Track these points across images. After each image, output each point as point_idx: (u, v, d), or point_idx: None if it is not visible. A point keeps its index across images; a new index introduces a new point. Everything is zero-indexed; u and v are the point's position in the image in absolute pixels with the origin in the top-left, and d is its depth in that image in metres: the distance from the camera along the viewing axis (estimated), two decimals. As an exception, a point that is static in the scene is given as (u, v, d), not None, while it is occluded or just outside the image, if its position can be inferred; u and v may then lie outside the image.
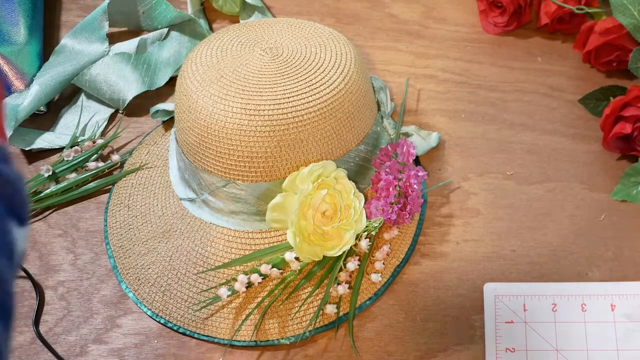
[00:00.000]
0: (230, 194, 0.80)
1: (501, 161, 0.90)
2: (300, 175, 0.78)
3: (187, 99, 0.80)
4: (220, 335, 0.79)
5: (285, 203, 0.78)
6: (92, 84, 0.96)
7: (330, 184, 0.78)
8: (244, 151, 0.78)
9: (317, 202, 0.77)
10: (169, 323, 0.80)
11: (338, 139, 0.80)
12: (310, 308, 0.79)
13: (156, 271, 0.82)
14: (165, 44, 1.01)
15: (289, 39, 0.84)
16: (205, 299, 0.79)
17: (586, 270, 0.82)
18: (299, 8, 1.05)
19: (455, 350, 0.78)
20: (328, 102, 0.79)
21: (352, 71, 0.81)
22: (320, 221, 0.77)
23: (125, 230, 0.86)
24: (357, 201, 0.79)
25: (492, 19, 1.00)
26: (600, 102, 0.92)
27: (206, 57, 0.82)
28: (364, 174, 0.84)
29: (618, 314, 0.78)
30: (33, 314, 0.81)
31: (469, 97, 0.96)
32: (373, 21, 1.03)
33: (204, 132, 0.79)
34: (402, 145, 0.82)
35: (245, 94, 0.78)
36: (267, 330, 0.78)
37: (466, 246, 0.84)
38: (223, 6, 1.04)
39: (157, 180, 0.88)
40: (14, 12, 1.00)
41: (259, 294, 0.79)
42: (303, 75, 0.79)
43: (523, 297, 0.80)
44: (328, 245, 0.78)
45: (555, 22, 0.98)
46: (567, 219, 0.86)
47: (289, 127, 0.77)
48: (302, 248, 0.77)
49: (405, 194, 0.81)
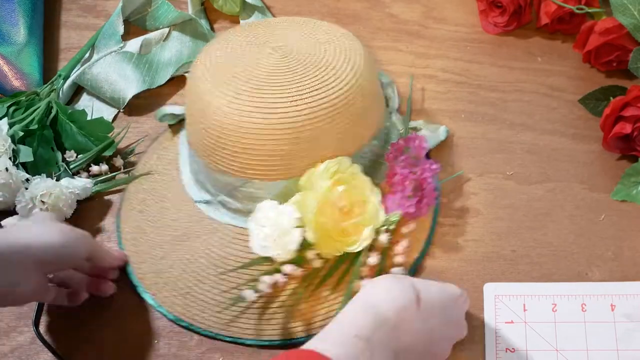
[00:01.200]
0: (248, 194, 0.80)
1: (501, 161, 0.90)
2: (317, 172, 0.78)
3: (200, 100, 0.80)
4: (245, 336, 0.79)
5: (304, 200, 0.78)
6: (93, 82, 0.97)
7: (347, 180, 0.78)
8: (261, 150, 0.78)
9: (335, 198, 0.77)
10: (192, 326, 0.80)
11: (352, 134, 0.80)
12: (333, 304, 0.79)
13: (175, 275, 0.82)
14: (166, 44, 1.01)
15: (297, 38, 0.84)
16: (228, 300, 0.79)
17: (586, 270, 0.82)
18: (299, 8, 1.05)
19: (455, 350, 0.78)
20: (341, 98, 0.79)
21: (362, 67, 0.81)
22: (338, 217, 0.77)
23: (140, 235, 0.85)
24: (373, 196, 0.79)
25: (492, 19, 1.00)
26: (600, 102, 0.92)
27: (216, 59, 0.82)
28: (377, 169, 0.84)
29: (618, 314, 0.78)
30: (33, 314, 0.81)
31: (469, 97, 0.96)
32: (373, 21, 1.03)
33: (219, 132, 0.79)
34: (413, 139, 0.83)
35: (259, 93, 0.78)
36: (292, 328, 0.79)
37: (466, 246, 0.84)
38: (223, 6, 1.04)
39: (170, 184, 0.88)
40: (14, 12, 1.00)
41: (280, 293, 0.79)
42: (314, 73, 0.79)
43: (523, 297, 0.80)
44: (348, 241, 0.78)
45: (555, 22, 0.98)
46: (567, 219, 0.86)
47: (305, 125, 0.77)
48: (322, 244, 0.77)
49: (420, 187, 0.81)
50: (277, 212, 0.77)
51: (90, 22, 1.05)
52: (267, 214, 0.77)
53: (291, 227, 0.76)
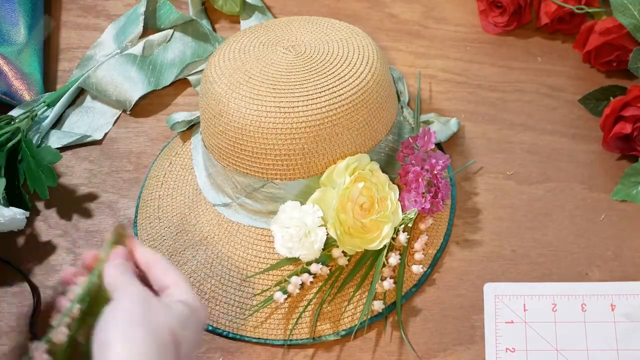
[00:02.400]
0: (269, 194, 0.80)
1: (501, 161, 0.90)
2: (337, 169, 0.78)
3: (216, 103, 0.80)
4: (273, 337, 0.79)
5: (325, 197, 0.78)
6: (98, 86, 0.97)
7: (367, 177, 0.78)
8: (281, 149, 0.78)
9: (356, 195, 0.77)
10: (218, 329, 0.80)
11: (369, 129, 0.80)
12: (358, 305, 0.79)
13: (198, 279, 0.82)
14: (169, 45, 1.01)
15: (308, 36, 0.84)
16: (257, 303, 0.79)
17: (586, 270, 0.82)
18: (299, 8, 1.05)
19: (455, 350, 0.78)
20: (359, 94, 0.79)
21: (376, 62, 0.82)
22: (359, 214, 0.77)
23: (159, 243, 0.85)
24: (392, 193, 0.80)
25: (492, 19, 1.00)
26: (600, 102, 0.92)
27: (230, 60, 0.82)
28: (393, 165, 0.84)
29: (618, 314, 0.78)
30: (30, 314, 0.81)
31: (469, 97, 0.96)
32: (373, 21, 1.03)
33: (237, 134, 0.78)
34: (423, 135, 0.83)
35: (277, 92, 0.78)
36: (318, 327, 0.79)
37: (466, 246, 0.84)
38: (223, 6, 1.04)
39: (186, 190, 0.88)
40: (14, 12, 1.00)
41: (305, 293, 0.80)
42: (331, 70, 0.79)
43: (523, 297, 0.80)
44: (368, 238, 0.78)
45: (555, 22, 0.98)
46: (567, 219, 0.86)
47: (324, 122, 0.77)
48: (343, 240, 0.77)
49: (435, 182, 0.81)
50: (301, 212, 0.77)
51: (90, 22, 1.05)
52: (292, 215, 0.77)
53: (316, 226, 0.77)
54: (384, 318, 0.80)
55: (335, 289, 0.80)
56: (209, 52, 1.00)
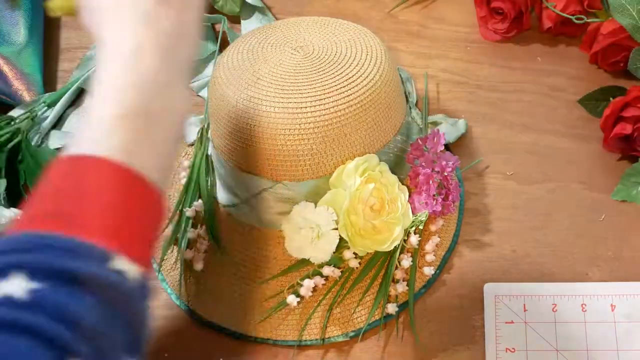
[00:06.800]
0: (278, 195, 0.80)
1: (501, 161, 0.90)
2: (347, 170, 0.78)
3: (225, 104, 0.79)
4: (282, 338, 0.79)
5: (336, 199, 0.78)
6: None
7: (377, 178, 0.78)
8: (290, 150, 0.78)
9: (366, 196, 0.77)
10: (224, 329, 0.80)
11: (378, 130, 0.80)
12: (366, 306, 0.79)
13: (211, 281, 0.82)
14: (170, 45, 1.01)
15: (316, 37, 0.83)
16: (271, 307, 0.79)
17: (586, 270, 0.82)
18: (299, 8, 1.05)
19: (455, 350, 0.78)
20: (367, 94, 0.79)
21: (385, 63, 0.81)
22: (369, 215, 0.77)
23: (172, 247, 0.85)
24: (402, 194, 0.80)
25: (492, 26, 1.00)
26: (599, 103, 0.92)
27: (237, 62, 0.82)
28: (402, 165, 0.84)
29: (618, 314, 0.78)
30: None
31: (469, 97, 0.96)
32: (373, 21, 1.03)
33: (246, 135, 0.78)
34: (432, 137, 0.83)
35: (285, 93, 0.78)
36: (328, 328, 0.79)
37: (466, 246, 0.84)
38: (224, 6, 1.04)
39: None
40: (14, 12, 1.00)
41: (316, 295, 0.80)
42: (339, 71, 0.79)
43: (523, 297, 0.80)
44: (379, 239, 0.78)
45: (558, 25, 0.98)
46: (567, 219, 0.86)
47: (333, 122, 0.77)
48: (355, 242, 0.77)
49: (445, 184, 0.81)
50: (314, 214, 0.77)
51: (90, 22, 1.05)
52: (305, 216, 0.77)
53: (330, 228, 0.77)
54: (395, 319, 0.79)
55: (345, 290, 0.80)
56: (209, 51, 1.00)
